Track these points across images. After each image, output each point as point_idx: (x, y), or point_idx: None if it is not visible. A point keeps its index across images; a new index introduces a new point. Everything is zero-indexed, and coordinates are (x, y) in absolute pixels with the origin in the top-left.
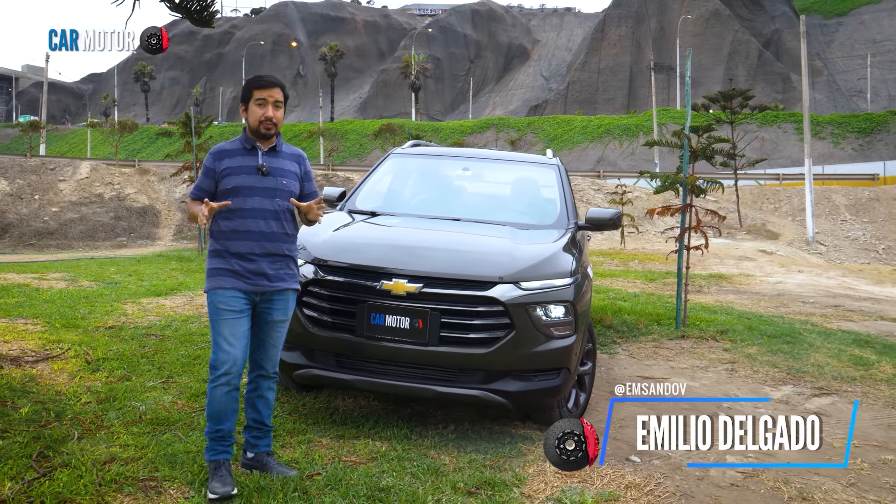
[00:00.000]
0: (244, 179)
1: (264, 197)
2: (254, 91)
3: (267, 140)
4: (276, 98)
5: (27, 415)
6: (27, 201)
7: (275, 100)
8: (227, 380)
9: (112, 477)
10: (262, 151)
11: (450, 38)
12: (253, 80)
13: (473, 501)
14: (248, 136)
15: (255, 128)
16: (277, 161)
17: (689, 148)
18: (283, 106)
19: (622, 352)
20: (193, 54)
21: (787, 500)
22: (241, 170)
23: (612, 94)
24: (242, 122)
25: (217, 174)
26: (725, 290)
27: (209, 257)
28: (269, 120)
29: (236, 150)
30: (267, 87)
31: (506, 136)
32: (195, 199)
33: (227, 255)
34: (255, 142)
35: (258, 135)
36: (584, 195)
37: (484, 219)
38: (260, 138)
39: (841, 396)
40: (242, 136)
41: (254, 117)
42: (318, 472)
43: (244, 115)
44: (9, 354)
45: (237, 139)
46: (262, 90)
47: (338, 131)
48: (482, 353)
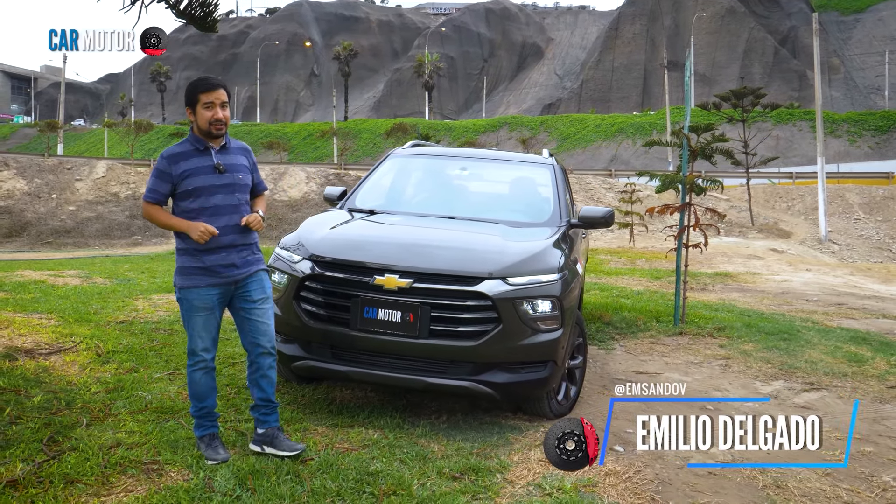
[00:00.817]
0: (204, 179)
1: (225, 193)
2: (200, 95)
3: (217, 139)
4: (222, 99)
5: (39, 403)
6: (45, 200)
7: (221, 101)
8: (204, 364)
9: (117, 460)
10: (215, 150)
11: (464, 37)
12: (199, 84)
13: (457, 485)
14: (198, 137)
15: (206, 129)
16: (230, 157)
17: (689, 147)
18: (227, 106)
19: (619, 348)
20: (209, 54)
21: (761, 488)
22: (199, 171)
23: (627, 93)
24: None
25: (174, 178)
26: (730, 289)
27: (179, 255)
28: (219, 121)
29: (189, 153)
30: (213, 89)
31: (519, 134)
32: (154, 203)
33: (197, 252)
34: (206, 142)
35: (209, 135)
36: (595, 194)
37: (478, 217)
38: (210, 138)
39: (830, 391)
40: (192, 138)
41: (203, 119)
42: (312, 457)
43: (191, 118)
44: (24, 347)
45: (185, 141)
46: (209, 93)
47: (351, 130)
48: (471, 346)
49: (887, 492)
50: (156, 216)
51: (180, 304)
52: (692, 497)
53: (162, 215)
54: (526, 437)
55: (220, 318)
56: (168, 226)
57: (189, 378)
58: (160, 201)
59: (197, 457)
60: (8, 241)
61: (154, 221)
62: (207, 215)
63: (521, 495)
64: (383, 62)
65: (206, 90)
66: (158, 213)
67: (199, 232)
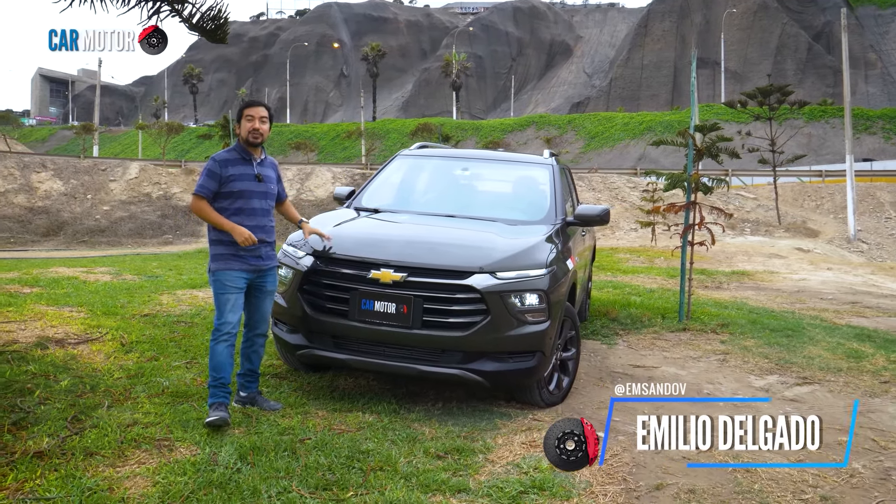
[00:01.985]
0: (246, 185)
1: (260, 199)
2: (244, 110)
3: (255, 148)
4: (261, 115)
5: (66, 386)
6: (80, 200)
7: (260, 116)
8: (228, 338)
9: (132, 437)
10: (257, 162)
11: (492, 36)
12: (244, 103)
13: (440, 464)
14: (243, 147)
15: (245, 137)
16: (265, 169)
17: (694, 146)
18: (267, 121)
19: (621, 343)
20: (240, 56)
21: (731, 472)
22: (243, 177)
23: (656, 90)
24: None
25: (222, 178)
26: (745, 287)
27: (215, 245)
28: (256, 130)
29: (236, 160)
30: (254, 106)
31: (546, 133)
32: (203, 197)
33: (230, 242)
34: (251, 154)
35: (248, 143)
36: (620, 193)
37: (477, 215)
38: (249, 146)
39: (822, 386)
40: (238, 147)
41: (244, 130)
42: (309, 437)
43: (237, 130)
44: (54, 337)
45: (233, 150)
46: (250, 109)
47: (379, 130)
48: (461, 336)
49: (854, 477)
50: (207, 211)
51: (214, 286)
52: (662, 479)
53: (212, 212)
54: (514, 422)
55: (243, 302)
56: (216, 223)
57: (212, 350)
58: (209, 197)
59: (205, 434)
60: (46, 239)
61: (203, 215)
62: (245, 215)
63: (498, 473)
64: (412, 62)
65: (248, 106)
66: (209, 210)
67: (245, 237)
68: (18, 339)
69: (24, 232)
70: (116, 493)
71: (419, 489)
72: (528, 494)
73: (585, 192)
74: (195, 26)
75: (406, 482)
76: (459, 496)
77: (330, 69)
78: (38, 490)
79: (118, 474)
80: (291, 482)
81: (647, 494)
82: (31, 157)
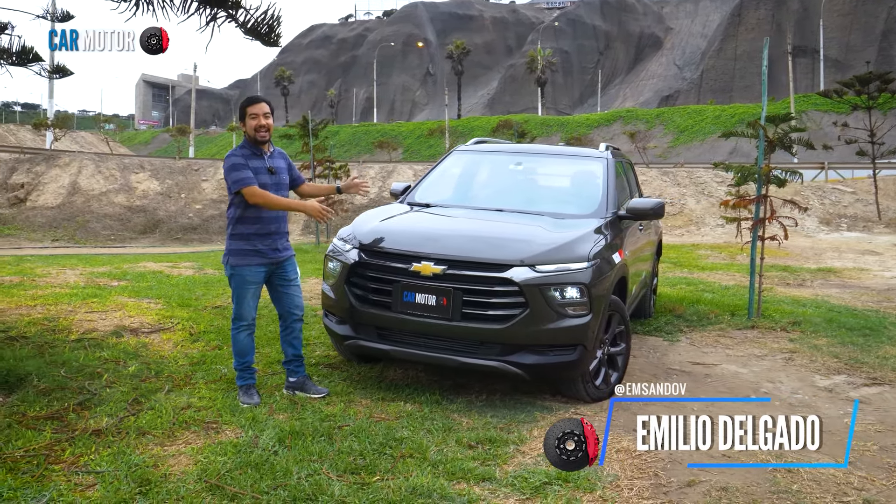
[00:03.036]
0: (261, 178)
1: (274, 191)
2: (246, 109)
3: (263, 144)
4: (264, 111)
5: (133, 372)
6: (175, 199)
7: (263, 112)
8: (248, 327)
9: (184, 419)
10: (267, 156)
11: (578, 31)
12: (245, 101)
13: (471, 453)
14: (251, 144)
15: (252, 135)
16: (275, 161)
17: (765, 138)
18: (271, 116)
19: (684, 340)
20: (329, 58)
21: (770, 472)
22: (258, 171)
23: (750, 81)
24: (373, 121)
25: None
26: (830, 284)
27: (233, 240)
28: (262, 126)
29: (249, 155)
30: (255, 104)
31: (633, 128)
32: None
33: (252, 237)
34: (260, 149)
35: (256, 140)
36: (707, 188)
37: (526, 209)
38: (257, 143)
39: (893, 387)
40: (246, 144)
41: (250, 128)
42: (347, 423)
43: (243, 128)
44: (130, 326)
45: (244, 147)
46: (252, 107)
47: (463, 128)
48: (499, 329)
49: None
50: (268, 196)
51: (232, 280)
52: (696, 475)
53: (274, 196)
54: (554, 415)
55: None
56: (283, 205)
57: (234, 338)
58: (256, 183)
59: (250, 418)
60: (142, 237)
61: (267, 201)
62: (263, 208)
63: (527, 464)
64: (497, 59)
65: (249, 104)
66: (269, 195)
67: (320, 210)
68: (98, 327)
69: (123, 229)
70: (160, 469)
71: (444, 476)
72: (551, 485)
73: (670, 188)
74: (250, 31)
75: (433, 469)
76: (483, 485)
77: (416, 68)
78: (90, 464)
79: (165, 452)
80: (322, 465)
81: (676, 490)
82: (130, 159)
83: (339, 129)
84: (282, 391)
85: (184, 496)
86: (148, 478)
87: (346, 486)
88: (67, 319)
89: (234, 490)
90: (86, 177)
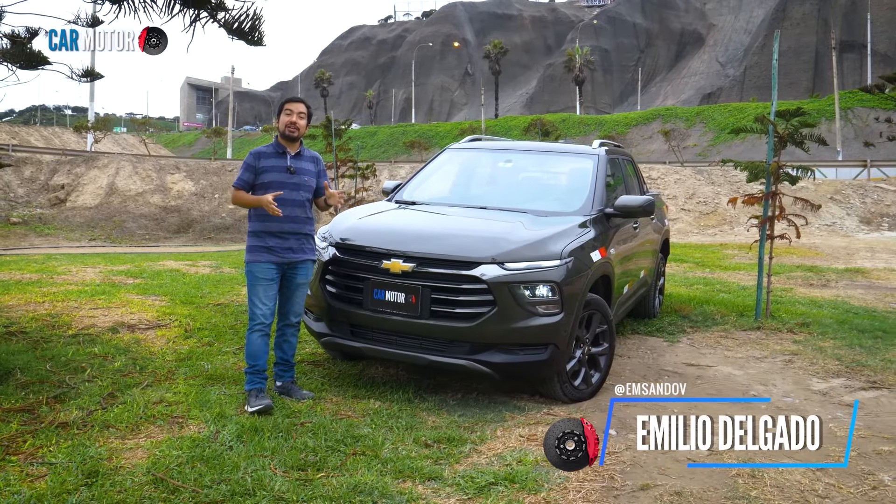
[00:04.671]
0: (277, 176)
1: (291, 190)
2: (284, 105)
3: (292, 143)
4: (299, 110)
5: (118, 367)
6: (208, 200)
7: (298, 111)
8: (262, 327)
9: (152, 413)
10: (290, 155)
11: (618, 29)
12: (285, 98)
13: (425, 452)
14: (279, 142)
15: (282, 131)
16: (300, 163)
17: (775, 133)
18: (305, 117)
19: (685, 340)
20: (368, 59)
21: (734, 476)
22: (274, 169)
23: (795, 78)
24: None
25: (257, 170)
26: (856, 285)
27: (249, 237)
28: (293, 124)
29: (271, 153)
30: (294, 102)
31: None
32: (241, 189)
33: (263, 235)
34: (285, 147)
35: (285, 137)
36: (742, 186)
37: (508, 207)
38: (286, 140)
39: (892, 391)
40: (275, 143)
41: (282, 123)
42: (310, 420)
43: (276, 124)
44: (129, 322)
45: (271, 145)
46: (290, 104)
47: (500, 128)
48: (467, 327)
49: (876, 489)
50: (241, 197)
51: (247, 277)
52: (654, 479)
53: (245, 196)
54: (524, 416)
55: (277, 292)
56: (247, 203)
57: (247, 339)
58: (244, 188)
59: (216, 413)
60: (177, 236)
61: (239, 202)
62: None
63: (479, 464)
64: (536, 58)
65: (288, 102)
66: (243, 195)
67: (267, 203)
68: (97, 323)
69: (158, 229)
70: (113, 462)
71: (392, 475)
72: (497, 486)
73: (704, 187)
74: (234, 31)
75: (382, 467)
76: (428, 484)
77: (455, 68)
78: (47, 456)
79: (124, 446)
80: (272, 461)
81: (627, 494)
82: (166, 160)
83: (377, 130)
84: None
85: (127, 489)
86: (98, 470)
87: (288, 481)
88: (70, 315)
89: (177, 483)
90: (123, 178)
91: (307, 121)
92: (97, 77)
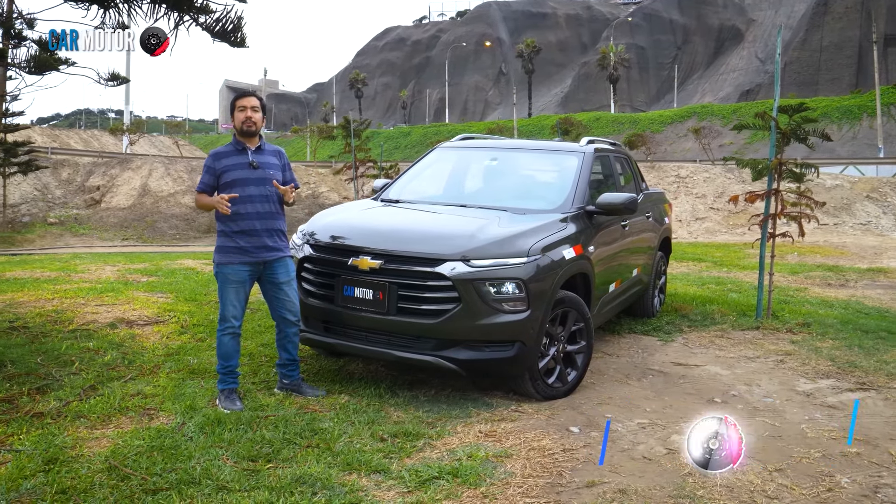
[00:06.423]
0: (240, 173)
1: (257, 185)
2: (235, 102)
3: (250, 138)
4: (252, 105)
5: (107, 361)
6: None
7: (251, 106)
8: (232, 329)
9: (127, 405)
10: (251, 151)
11: (654, 26)
12: (235, 95)
13: (379, 445)
14: (237, 139)
15: (239, 128)
16: (263, 157)
17: (777, 129)
18: (259, 110)
19: (679, 340)
20: (403, 59)
21: (685, 475)
22: (236, 166)
23: (837, 73)
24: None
25: (217, 171)
26: (875, 285)
27: (219, 237)
28: (249, 119)
29: (231, 152)
30: (245, 97)
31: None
32: (202, 193)
33: (232, 234)
34: (244, 143)
35: (243, 133)
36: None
37: (489, 205)
38: (244, 136)
39: (879, 393)
40: (234, 141)
41: (238, 120)
42: (274, 413)
43: (232, 122)
44: (128, 318)
45: (229, 144)
46: (242, 100)
47: (533, 127)
48: (433, 323)
49: (831, 491)
50: (201, 201)
51: (217, 278)
52: (602, 476)
53: (204, 198)
54: (490, 412)
55: (249, 292)
56: (206, 205)
57: (218, 340)
58: (206, 191)
59: (186, 406)
60: (206, 236)
61: (199, 206)
62: (242, 202)
63: (429, 458)
64: (571, 57)
65: (239, 98)
66: (203, 199)
67: (218, 201)
68: (98, 319)
69: (188, 229)
70: (76, 451)
71: (339, 467)
72: (439, 480)
73: (734, 185)
74: (216, 33)
75: (332, 460)
76: (373, 476)
77: (489, 68)
78: (15, 443)
79: (91, 435)
80: (226, 452)
81: (571, 491)
82: (198, 161)
83: (410, 130)
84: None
85: (81, 475)
86: (58, 457)
87: (236, 471)
88: (74, 312)
89: (128, 471)
90: (155, 179)
91: (262, 113)
92: (123, 81)
